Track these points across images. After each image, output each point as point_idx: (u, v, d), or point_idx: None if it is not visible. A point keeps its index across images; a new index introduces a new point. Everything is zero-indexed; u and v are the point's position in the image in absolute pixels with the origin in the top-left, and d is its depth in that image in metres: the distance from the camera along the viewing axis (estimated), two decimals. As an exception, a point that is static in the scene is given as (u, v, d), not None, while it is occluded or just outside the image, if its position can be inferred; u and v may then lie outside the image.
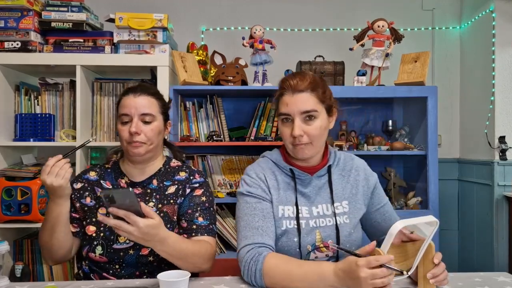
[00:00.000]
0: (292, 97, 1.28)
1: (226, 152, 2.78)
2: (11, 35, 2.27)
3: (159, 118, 1.45)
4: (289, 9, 3.11)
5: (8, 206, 2.20)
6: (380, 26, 2.51)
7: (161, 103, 1.48)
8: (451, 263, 3.15)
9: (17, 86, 2.46)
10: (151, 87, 1.50)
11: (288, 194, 1.33)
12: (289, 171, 1.35)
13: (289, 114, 1.29)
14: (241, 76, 2.57)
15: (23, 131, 2.37)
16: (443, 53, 3.16)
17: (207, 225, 1.41)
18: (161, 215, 1.39)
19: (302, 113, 1.27)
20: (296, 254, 1.28)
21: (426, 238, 1.07)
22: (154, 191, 1.45)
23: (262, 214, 1.28)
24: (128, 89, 1.46)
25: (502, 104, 2.76)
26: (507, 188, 2.72)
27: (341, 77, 2.69)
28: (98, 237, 1.37)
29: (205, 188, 1.49)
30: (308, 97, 1.28)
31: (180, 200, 1.44)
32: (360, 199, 1.39)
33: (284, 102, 1.29)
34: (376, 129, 2.93)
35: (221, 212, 2.62)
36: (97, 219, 1.40)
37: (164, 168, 1.50)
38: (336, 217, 1.33)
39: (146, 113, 1.41)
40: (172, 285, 1.05)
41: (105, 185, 1.47)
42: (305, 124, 1.28)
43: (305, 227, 1.30)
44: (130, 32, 2.34)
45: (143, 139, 1.40)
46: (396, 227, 0.99)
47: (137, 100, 1.42)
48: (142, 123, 1.41)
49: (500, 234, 2.72)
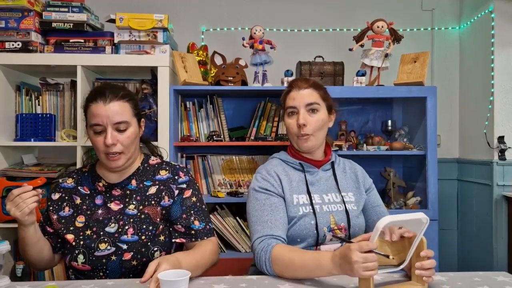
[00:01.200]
0: (298, 93, 1.49)
1: (226, 152, 2.79)
2: (12, 35, 2.28)
3: (134, 122, 1.38)
4: (289, 9, 3.12)
5: (9, 206, 2.20)
6: (380, 27, 2.51)
7: (133, 104, 1.40)
8: (450, 263, 3.16)
9: (17, 86, 2.47)
10: (120, 89, 1.39)
11: (300, 184, 1.48)
12: (299, 165, 1.52)
13: (295, 107, 1.48)
14: (241, 77, 2.58)
15: (24, 131, 2.37)
16: (443, 53, 3.16)
17: (204, 227, 1.41)
18: (142, 216, 1.37)
19: (306, 105, 1.47)
20: (313, 235, 1.40)
21: (418, 234, 1.12)
22: (133, 192, 1.41)
23: (271, 209, 1.40)
24: (95, 94, 1.35)
25: (501, 104, 2.77)
26: (506, 188, 2.72)
27: (341, 78, 2.70)
28: (79, 245, 1.34)
29: (193, 186, 1.45)
30: (311, 92, 1.49)
31: (167, 202, 1.40)
32: (362, 190, 1.56)
33: (291, 97, 1.50)
34: (375, 129, 2.94)
35: (221, 212, 2.62)
36: (75, 226, 1.37)
37: (142, 167, 1.46)
38: (345, 204, 1.48)
39: (120, 122, 1.33)
40: (172, 285, 1.06)
41: (83, 190, 1.43)
42: (309, 116, 1.47)
43: (319, 211, 1.44)
44: (131, 32, 2.34)
45: (120, 148, 1.34)
46: (383, 221, 1.04)
47: (108, 108, 1.32)
48: (117, 131, 1.34)
49: (500, 233, 2.72)
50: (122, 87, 1.44)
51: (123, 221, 1.37)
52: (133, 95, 1.43)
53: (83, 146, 2.29)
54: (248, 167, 2.77)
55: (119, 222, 1.37)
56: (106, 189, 1.42)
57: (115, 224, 1.36)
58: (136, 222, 1.37)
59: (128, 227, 1.36)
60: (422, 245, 1.14)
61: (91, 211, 1.39)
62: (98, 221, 1.38)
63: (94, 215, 1.38)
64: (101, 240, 1.34)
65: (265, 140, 2.58)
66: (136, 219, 1.37)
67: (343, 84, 2.69)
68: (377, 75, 2.58)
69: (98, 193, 1.43)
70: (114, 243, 1.34)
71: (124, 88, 1.44)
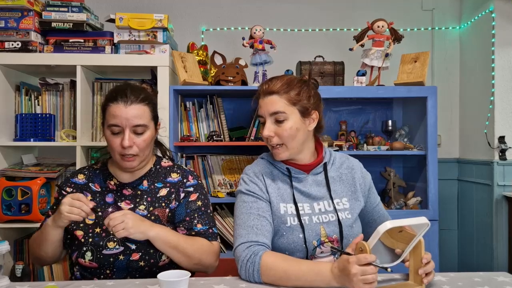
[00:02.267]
0: (263, 100, 1.36)
1: (226, 152, 2.78)
2: (11, 35, 2.28)
3: (151, 125, 1.39)
4: (289, 9, 3.12)
5: (9, 206, 2.20)
6: (380, 26, 2.51)
7: (152, 107, 1.39)
8: (450, 263, 3.15)
9: (17, 86, 2.47)
10: (141, 91, 1.39)
11: (287, 192, 1.37)
12: (286, 170, 1.39)
13: (262, 116, 1.37)
14: (241, 76, 2.57)
15: (24, 131, 2.37)
16: (443, 53, 3.16)
17: (207, 230, 1.41)
18: (151, 218, 1.37)
19: (271, 114, 1.34)
20: (302, 249, 1.30)
21: (417, 235, 1.12)
22: (144, 193, 1.41)
23: (258, 213, 1.31)
24: (116, 94, 1.34)
25: (502, 104, 2.77)
26: (506, 188, 2.72)
27: (341, 77, 2.69)
28: (87, 242, 1.34)
29: (200, 191, 1.45)
30: (276, 99, 1.34)
31: (173, 205, 1.41)
32: (360, 195, 1.43)
33: (259, 104, 1.38)
34: (375, 129, 2.94)
35: (221, 212, 2.62)
36: (85, 223, 1.37)
37: (155, 168, 1.46)
38: (337, 212, 1.36)
39: (138, 125, 1.33)
40: (172, 285, 1.06)
41: (94, 187, 1.43)
42: (276, 126, 1.34)
43: (309, 223, 1.33)
44: (131, 32, 2.34)
45: (136, 151, 1.34)
46: (385, 226, 1.04)
47: (128, 110, 1.32)
48: (134, 134, 1.34)
49: (500, 234, 2.72)
50: (143, 88, 1.43)
51: None
52: (152, 98, 1.42)
53: (82, 146, 2.29)
54: (248, 167, 2.76)
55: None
56: (117, 188, 1.42)
57: None
58: None
59: None
60: (420, 245, 1.15)
61: (101, 209, 1.39)
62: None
63: (104, 213, 1.38)
64: (110, 239, 1.34)
65: (265, 140, 2.58)
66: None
67: (343, 84, 2.69)
68: (378, 75, 2.58)
69: (109, 191, 1.42)
70: (123, 243, 1.34)
71: (144, 90, 1.42)
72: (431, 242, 2.44)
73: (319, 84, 1.46)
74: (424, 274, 1.14)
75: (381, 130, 2.89)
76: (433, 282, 1.22)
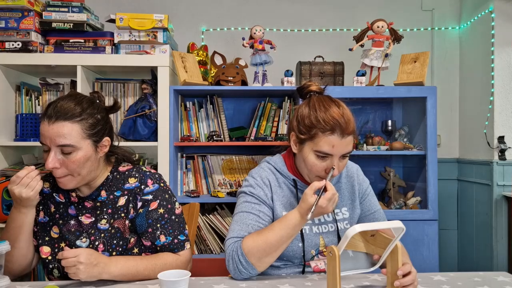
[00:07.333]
0: (340, 141, 1.26)
1: (226, 152, 2.79)
2: (12, 35, 2.28)
3: (84, 145, 1.23)
4: (289, 9, 3.12)
5: (9, 206, 2.20)
6: (380, 27, 2.51)
7: (85, 125, 1.24)
8: (450, 263, 3.16)
9: (17, 86, 2.47)
10: (73, 107, 1.23)
11: (291, 201, 1.37)
12: (292, 181, 1.39)
13: (331, 154, 1.27)
14: (241, 77, 2.58)
15: (24, 131, 2.37)
16: (443, 53, 3.16)
17: (171, 241, 1.32)
18: (112, 231, 1.30)
19: (343, 156, 1.28)
20: (300, 258, 1.33)
21: (393, 240, 1.10)
22: (104, 204, 1.32)
23: (258, 215, 1.32)
24: (45, 110, 1.23)
25: (501, 104, 2.77)
26: (506, 188, 2.73)
27: (341, 78, 2.70)
28: (54, 260, 1.29)
29: (161, 196, 1.33)
30: (351, 141, 1.28)
31: (132, 215, 1.31)
32: (357, 203, 1.44)
33: (330, 143, 1.26)
34: (375, 129, 2.94)
35: (221, 212, 2.62)
36: (51, 237, 1.31)
37: (112, 176, 1.35)
38: (337, 223, 1.38)
39: (63, 145, 1.20)
40: (172, 285, 1.06)
41: (58, 198, 1.35)
42: (339, 162, 1.28)
43: (309, 233, 1.35)
44: (131, 32, 2.34)
45: (64, 172, 1.23)
46: (354, 229, 1.01)
47: (51, 129, 1.19)
48: (63, 154, 1.21)
49: (500, 233, 2.73)
50: (79, 103, 1.25)
51: (94, 236, 1.31)
52: (90, 114, 1.25)
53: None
54: (248, 167, 2.77)
55: (90, 237, 1.31)
56: (78, 200, 1.34)
57: (87, 239, 1.31)
58: (106, 238, 1.30)
59: (98, 242, 1.30)
60: (396, 251, 1.11)
61: (63, 221, 1.33)
62: (70, 232, 1.32)
63: (67, 226, 1.32)
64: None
65: (265, 140, 2.58)
66: (107, 234, 1.30)
67: (343, 84, 2.69)
68: (377, 75, 2.58)
69: (71, 203, 1.34)
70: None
71: (81, 104, 1.25)
72: (431, 242, 2.45)
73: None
74: (400, 286, 1.09)
75: (381, 130, 2.89)
76: (433, 282, 1.22)
